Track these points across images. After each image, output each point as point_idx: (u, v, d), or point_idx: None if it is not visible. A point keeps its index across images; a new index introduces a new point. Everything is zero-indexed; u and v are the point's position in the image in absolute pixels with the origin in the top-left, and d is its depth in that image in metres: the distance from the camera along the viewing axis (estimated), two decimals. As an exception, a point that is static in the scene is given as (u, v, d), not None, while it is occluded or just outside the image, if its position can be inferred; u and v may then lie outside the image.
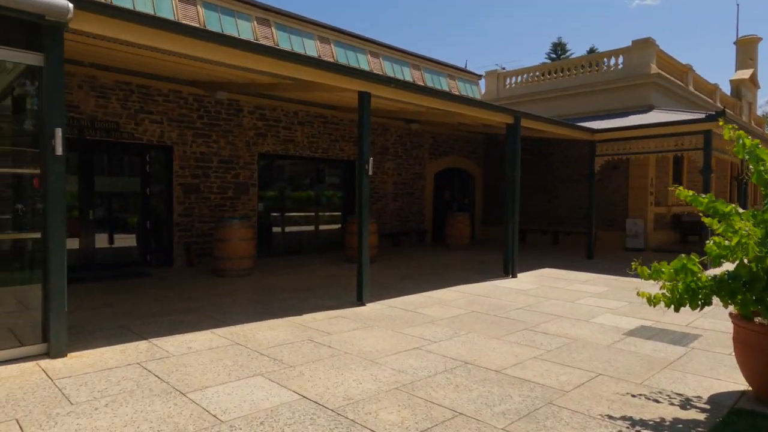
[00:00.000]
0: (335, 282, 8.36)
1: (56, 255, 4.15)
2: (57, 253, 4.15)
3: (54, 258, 4.14)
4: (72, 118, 8.61)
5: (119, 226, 11.13)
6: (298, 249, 12.48)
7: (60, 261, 4.17)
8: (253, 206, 11.06)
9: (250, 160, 10.99)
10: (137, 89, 9.36)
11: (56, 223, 4.14)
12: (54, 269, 4.15)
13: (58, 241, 4.15)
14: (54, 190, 4.11)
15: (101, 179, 9.50)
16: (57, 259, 4.15)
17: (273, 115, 11.39)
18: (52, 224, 4.12)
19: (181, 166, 9.95)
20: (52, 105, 4.09)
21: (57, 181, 4.12)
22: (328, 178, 13.98)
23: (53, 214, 4.12)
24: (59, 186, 4.13)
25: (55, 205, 4.12)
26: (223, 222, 8.76)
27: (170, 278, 8.53)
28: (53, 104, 4.10)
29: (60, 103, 4.13)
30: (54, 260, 4.14)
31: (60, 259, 4.17)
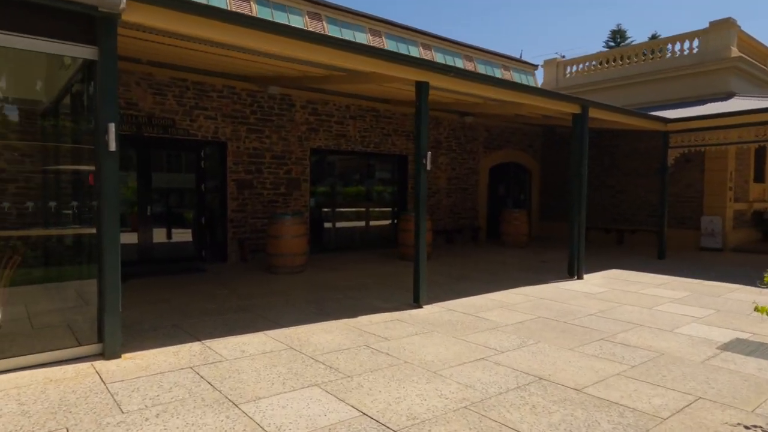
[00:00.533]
0: (389, 281, 8.06)
1: (110, 252, 4.04)
2: (111, 250, 4.04)
3: (108, 255, 4.03)
4: (130, 116, 8.72)
5: (176, 222, 11.29)
6: (350, 245, 12.28)
7: (114, 258, 4.06)
8: (305, 202, 10.94)
9: (302, 156, 10.86)
10: (192, 86, 9.39)
11: (110, 220, 4.02)
12: (108, 267, 4.04)
13: (112, 238, 4.04)
14: (108, 186, 3.99)
15: (158, 175, 9.62)
16: (111, 256, 4.04)
17: (325, 110, 11.20)
18: (106, 221, 4.02)
19: (235, 161, 9.92)
20: (106, 99, 3.97)
21: (111, 177, 4.00)
22: (379, 173, 13.70)
23: (107, 211, 4.01)
24: (113, 182, 4.01)
25: (109, 202, 4.01)
26: (275, 218, 8.64)
27: (224, 274, 8.50)
28: (106, 99, 3.98)
29: (113, 98, 4.00)
30: (108, 258, 4.03)
31: (114, 256, 4.05)
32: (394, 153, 12.59)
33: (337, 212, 12.44)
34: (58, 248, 6.71)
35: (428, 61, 6.07)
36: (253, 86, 10.05)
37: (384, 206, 13.48)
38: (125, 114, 8.68)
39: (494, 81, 7.05)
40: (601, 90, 15.37)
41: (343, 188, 12.94)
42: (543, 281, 8.21)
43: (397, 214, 12.90)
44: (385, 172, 13.69)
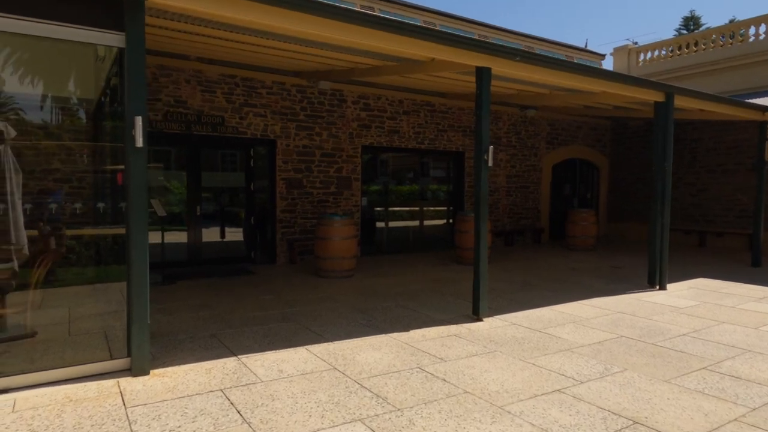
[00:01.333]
0: (444, 287, 7.42)
1: (138, 257, 3.68)
2: (138, 255, 3.68)
3: (135, 261, 3.67)
4: (179, 114, 8.57)
5: (226, 222, 11.14)
6: (402, 247, 11.71)
7: (141, 265, 3.69)
8: (356, 201, 10.47)
9: (353, 153, 10.40)
10: (241, 82, 9.13)
11: (137, 223, 3.66)
12: (135, 273, 3.68)
13: (139, 243, 3.67)
14: (135, 185, 3.62)
15: (208, 175, 9.44)
16: (138, 262, 3.68)
17: (377, 105, 10.69)
18: (134, 223, 3.65)
19: (284, 160, 9.60)
20: (133, 90, 3.61)
21: (138, 175, 3.63)
22: (434, 171, 13.05)
23: (134, 212, 3.64)
24: (140, 181, 3.64)
25: (135, 202, 3.64)
26: (324, 219, 8.21)
27: (272, 277, 8.17)
28: (134, 90, 3.61)
29: (141, 89, 3.63)
30: (135, 264, 3.67)
31: (141, 262, 3.69)
32: (450, 150, 11.89)
33: (389, 212, 11.91)
34: (111, 247, 6.58)
35: (491, 44, 5.39)
36: (303, 81, 9.69)
37: (439, 206, 12.83)
38: (174, 112, 8.52)
39: (566, 65, 6.24)
40: (678, 78, 13.95)
41: (396, 187, 12.39)
42: (619, 291, 7.30)
43: (453, 214, 12.21)
44: (440, 170, 13.03)
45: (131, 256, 3.67)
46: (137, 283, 3.69)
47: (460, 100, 11.69)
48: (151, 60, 8.25)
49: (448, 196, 12.66)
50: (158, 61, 8.33)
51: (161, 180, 10.58)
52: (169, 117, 8.46)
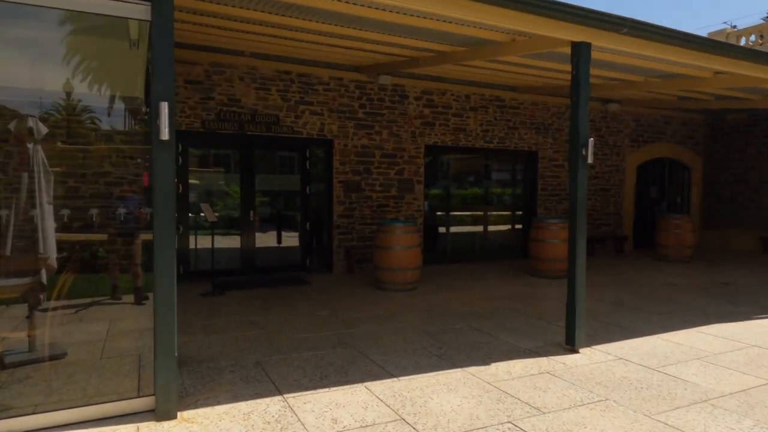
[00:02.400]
0: (522, 305, 6.41)
1: (164, 275, 3.01)
2: (164, 272, 3.00)
3: (161, 280, 3.00)
4: (233, 113, 8.07)
5: (281, 227, 10.62)
6: (467, 255, 10.73)
7: (168, 284, 3.02)
8: (418, 206, 9.62)
9: (415, 153, 9.57)
10: (297, 78, 8.54)
11: (164, 233, 2.99)
12: (160, 295, 3.01)
13: (166, 257, 3.00)
14: (161, 184, 2.97)
15: (262, 177, 8.92)
16: (164, 280, 3.01)
17: (442, 101, 9.80)
18: (159, 231, 2.99)
19: (342, 161, 8.92)
20: (159, 71, 2.95)
21: (165, 173, 2.97)
22: (503, 173, 11.98)
23: (160, 217, 2.99)
24: (167, 180, 2.98)
25: (162, 206, 2.97)
26: (383, 226, 7.41)
27: (327, 288, 7.46)
28: (160, 70, 2.95)
29: (168, 69, 2.96)
30: (160, 283, 3.00)
31: (168, 282, 3.02)
32: (522, 149, 10.79)
33: (452, 217, 10.98)
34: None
35: (593, 12, 4.37)
36: (362, 76, 8.97)
37: (505, 210, 11.75)
38: (227, 111, 8.04)
39: (692, 40, 5.04)
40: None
41: (460, 190, 11.44)
42: (741, 315, 6.00)
43: (526, 219, 11.09)
44: (504, 172, 11.96)
45: (156, 269, 3.01)
46: (163, 304, 3.02)
47: (532, 93, 10.58)
48: (204, 56, 7.82)
49: (515, 199, 11.55)
50: (211, 57, 7.87)
51: (221, 184, 10.19)
52: (222, 116, 7.99)
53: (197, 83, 7.85)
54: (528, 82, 9.83)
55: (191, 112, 7.82)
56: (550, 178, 11.13)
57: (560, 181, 11.26)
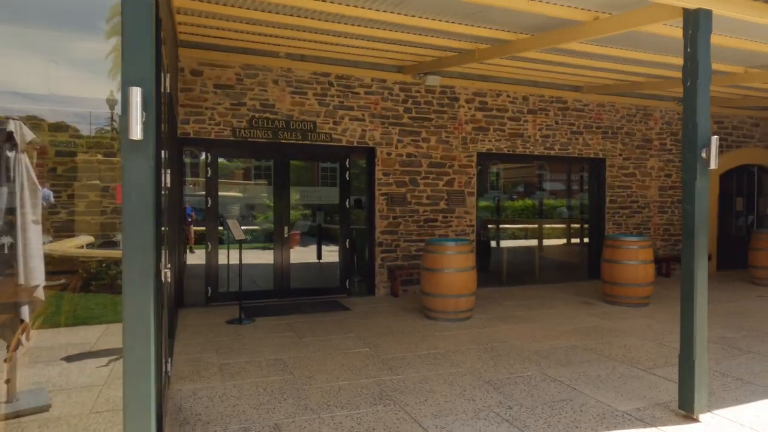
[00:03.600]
0: (602, 343, 5.27)
1: (135, 330, 2.16)
2: (136, 325, 2.16)
3: (132, 336, 2.15)
4: (266, 119, 7.36)
5: (318, 242, 9.87)
6: (524, 275, 9.58)
7: (142, 344, 2.16)
8: (470, 221, 8.59)
9: (466, 162, 8.56)
10: (336, 81, 7.75)
11: (135, 268, 2.15)
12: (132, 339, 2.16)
13: (138, 302, 2.15)
14: (131, 201, 2.13)
15: (297, 189, 8.16)
16: (137, 340, 2.16)
17: (496, 103, 8.78)
18: (130, 269, 2.14)
19: (385, 171, 8.04)
20: (131, 45, 2.13)
21: (136, 184, 2.14)
22: (564, 183, 10.80)
23: (131, 247, 2.14)
24: (141, 195, 2.14)
25: (132, 229, 2.14)
26: (432, 244, 6.44)
27: (369, 316, 6.55)
28: (132, 43, 2.13)
29: (143, 41, 2.14)
30: (132, 341, 2.15)
31: (142, 339, 2.16)
32: (587, 156, 9.58)
33: (505, 232, 9.90)
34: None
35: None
36: (408, 77, 8.09)
37: (569, 224, 10.55)
38: (260, 118, 7.33)
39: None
40: None
41: (513, 201, 10.36)
42: None
43: (592, 235, 9.85)
44: (571, 182, 10.76)
45: (126, 323, 2.17)
46: (133, 362, 2.17)
47: (599, 93, 9.39)
48: (235, 58, 7.16)
49: (577, 212, 10.32)
50: (243, 59, 7.20)
51: (253, 197, 9.54)
52: (255, 123, 7.29)
53: (228, 88, 7.19)
54: (595, 81, 8.68)
55: (221, 119, 7.16)
56: (619, 189, 9.84)
57: (631, 192, 9.95)
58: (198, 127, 7.06)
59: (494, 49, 6.11)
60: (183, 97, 6.99)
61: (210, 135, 7.10)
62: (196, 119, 7.04)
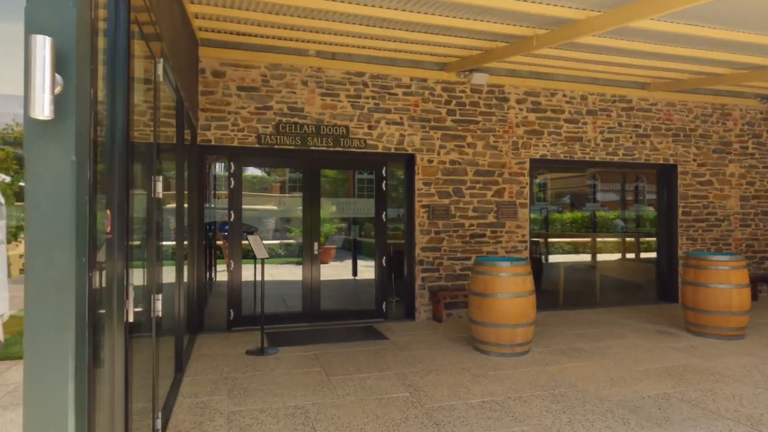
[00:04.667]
0: (702, 391, 4.18)
1: (31, 401, 1.38)
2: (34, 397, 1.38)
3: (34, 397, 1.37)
4: (294, 124, 6.66)
5: (354, 258, 9.09)
6: (587, 298, 8.48)
7: (53, 409, 1.37)
8: (522, 236, 7.60)
9: (518, 170, 7.61)
10: (371, 81, 6.99)
11: (44, 283, 1.37)
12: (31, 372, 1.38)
13: (46, 348, 1.38)
14: (37, 209, 1.36)
15: (329, 201, 7.41)
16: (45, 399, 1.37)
17: (551, 104, 7.81)
18: (33, 289, 1.37)
19: (426, 181, 7.19)
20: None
21: (45, 186, 1.37)
22: (626, 192, 9.66)
23: (35, 260, 1.37)
24: (53, 202, 1.37)
25: (41, 241, 1.37)
26: (482, 264, 5.50)
27: (408, 348, 5.67)
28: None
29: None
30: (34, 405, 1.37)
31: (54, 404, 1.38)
32: (655, 161, 8.43)
33: (556, 246, 8.86)
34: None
35: None
36: (451, 76, 7.26)
37: (634, 239, 9.40)
38: (287, 123, 6.65)
39: None
40: None
41: (570, 213, 9.31)
42: None
43: (661, 251, 8.65)
44: (612, 193, 9.65)
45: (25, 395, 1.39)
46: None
47: (669, 91, 8.28)
48: (260, 58, 6.52)
49: (644, 225, 9.14)
50: (269, 58, 6.55)
51: (279, 209, 8.91)
52: (282, 129, 6.60)
53: (252, 90, 6.54)
54: (665, 74, 7.60)
55: (245, 125, 6.51)
56: (693, 199, 8.62)
57: (708, 203, 8.70)
58: (220, 134, 6.42)
59: (557, 33, 5.20)
60: (204, 101, 6.39)
61: (233, 142, 6.46)
62: (218, 125, 6.42)
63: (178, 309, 4.55)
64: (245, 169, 6.98)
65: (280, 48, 6.57)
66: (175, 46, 3.93)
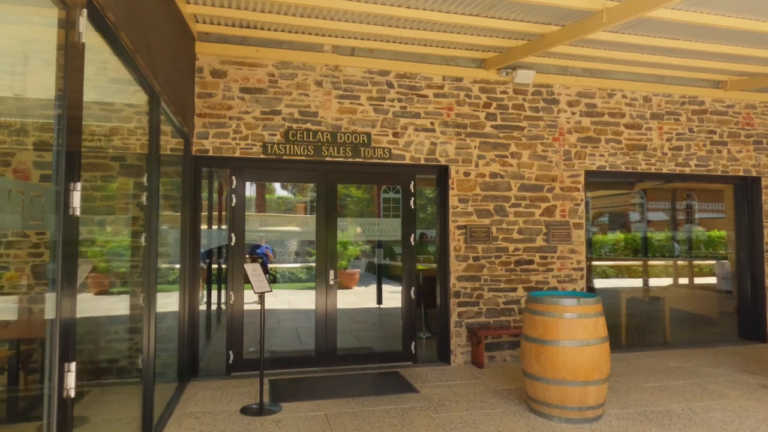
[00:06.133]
0: None
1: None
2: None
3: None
4: (307, 131, 5.67)
5: (378, 285, 8.02)
6: (652, 334, 7.16)
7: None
8: (578, 262, 6.36)
9: (571, 185, 6.41)
10: (397, 81, 5.98)
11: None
12: None
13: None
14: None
15: (350, 221, 6.36)
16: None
17: (608, 106, 6.63)
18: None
19: (462, 197, 6.07)
20: None
21: None
22: (696, 209, 8.34)
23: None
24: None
25: None
26: (538, 301, 4.30)
27: (444, 405, 4.49)
28: None
29: None
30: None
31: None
32: (734, 173, 7.11)
33: (602, 270, 7.59)
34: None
35: None
36: (491, 74, 6.18)
37: (709, 263, 8.06)
38: (298, 129, 5.66)
39: None
40: None
41: (605, 235, 8.08)
42: None
43: (744, 280, 7.26)
44: (710, 209, 8.33)
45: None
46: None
47: (748, 90, 7.01)
48: (268, 54, 5.58)
49: (719, 247, 7.79)
50: (277, 55, 5.61)
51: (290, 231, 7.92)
52: (292, 137, 5.62)
53: (258, 91, 5.60)
54: (744, 69, 6.35)
55: (249, 132, 5.55)
56: (781, 218, 7.24)
57: (800, 222, 7.29)
58: (219, 142, 5.47)
59: (629, 5, 4.07)
60: (201, 105, 5.46)
61: (234, 152, 5.49)
62: (217, 132, 5.47)
63: (147, 353, 3.52)
64: (269, 189, 6.02)
65: (291, 43, 5.64)
66: (139, 17, 2.98)
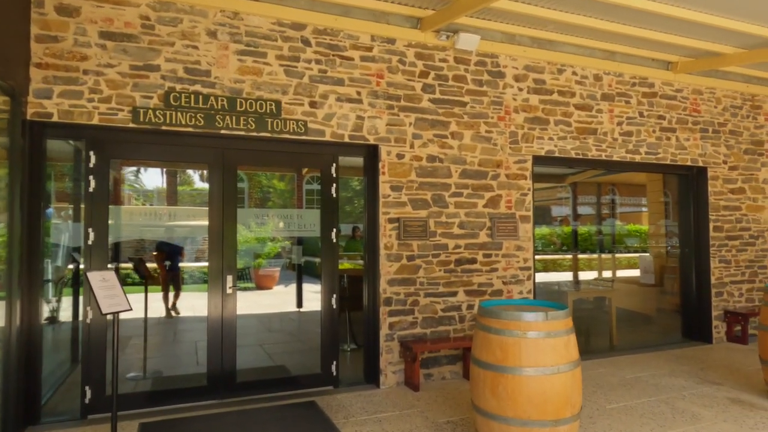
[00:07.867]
0: None
1: None
2: None
3: None
4: (195, 94, 4.34)
5: (299, 286, 6.86)
6: (597, 338, 6.55)
7: None
8: (524, 260, 5.52)
9: (518, 171, 5.56)
10: (314, 38, 4.78)
11: None
12: None
13: None
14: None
15: (250, 212, 5.10)
16: None
17: (558, 83, 5.84)
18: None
19: (394, 184, 5.01)
20: None
21: None
22: (639, 202, 7.89)
23: None
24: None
25: None
26: (493, 315, 3.31)
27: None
28: None
29: None
30: None
31: None
32: (682, 163, 6.62)
33: (541, 265, 6.93)
34: None
35: None
36: (429, 38, 5.15)
37: (666, 260, 7.64)
38: (185, 92, 4.32)
39: None
40: None
41: (579, 228, 7.46)
42: None
43: (688, 276, 6.81)
44: (631, 203, 7.89)
45: None
46: None
47: (696, 75, 6.54)
48: (139, -12, 4.18)
49: (662, 242, 7.38)
50: (153, -9, 4.23)
51: (174, 225, 6.59)
52: (174, 100, 4.26)
53: (126, 38, 4.18)
54: (700, 46, 5.78)
55: (113, 92, 4.13)
56: (725, 211, 6.86)
57: (740, 216, 6.96)
58: (69, 104, 4.01)
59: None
60: (42, 51, 3.97)
61: (92, 118, 4.06)
62: (66, 90, 4.01)
63: None
64: (185, 180, 4.58)
65: (173, -23, 4.28)
66: None
